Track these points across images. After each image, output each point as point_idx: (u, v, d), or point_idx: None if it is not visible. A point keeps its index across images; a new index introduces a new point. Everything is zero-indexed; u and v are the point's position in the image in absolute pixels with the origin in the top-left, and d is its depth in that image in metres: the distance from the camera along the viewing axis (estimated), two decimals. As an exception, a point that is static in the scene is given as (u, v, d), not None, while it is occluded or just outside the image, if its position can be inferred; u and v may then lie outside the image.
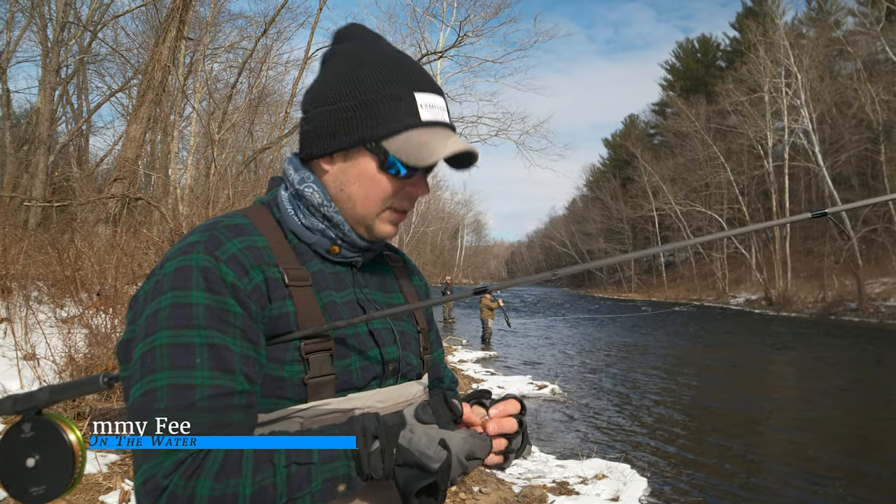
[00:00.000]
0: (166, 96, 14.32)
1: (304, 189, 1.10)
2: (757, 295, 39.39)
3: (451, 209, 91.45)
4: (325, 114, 1.07)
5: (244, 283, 0.96)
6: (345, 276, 1.13)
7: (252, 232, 1.03)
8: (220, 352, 0.92)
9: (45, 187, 16.31)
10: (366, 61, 1.08)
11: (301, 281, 1.03)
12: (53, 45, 20.13)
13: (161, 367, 0.89)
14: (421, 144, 1.04)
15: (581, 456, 7.11)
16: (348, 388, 1.04)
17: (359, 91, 1.05)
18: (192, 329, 0.91)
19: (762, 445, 8.12)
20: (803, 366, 15.00)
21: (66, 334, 5.95)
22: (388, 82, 1.05)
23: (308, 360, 1.00)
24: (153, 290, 0.95)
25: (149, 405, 0.88)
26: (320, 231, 1.10)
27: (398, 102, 1.05)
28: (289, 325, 1.00)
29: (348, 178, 1.08)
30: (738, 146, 41.93)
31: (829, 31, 37.80)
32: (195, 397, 0.88)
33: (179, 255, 0.96)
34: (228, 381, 0.91)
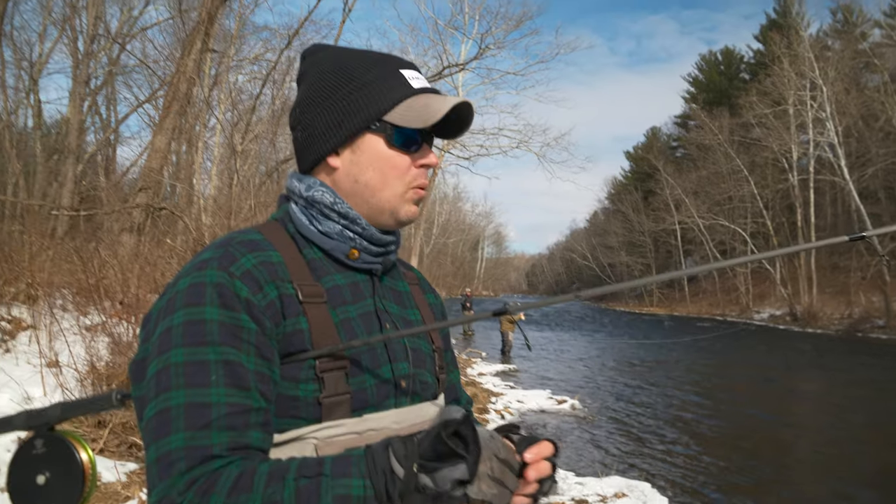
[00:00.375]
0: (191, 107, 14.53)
1: (313, 193, 1.10)
2: (781, 310, 38.80)
3: (472, 221, 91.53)
4: (322, 111, 1.09)
5: (258, 298, 0.95)
6: (363, 285, 1.11)
7: (267, 247, 1.02)
8: (235, 369, 0.91)
9: (72, 196, 16.59)
10: (347, 57, 1.13)
11: (316, 297, 1.02)
12: (84, 57, 20.55)
13: (176, 386, 0.88)
14: (423, 106, 1.07)
15: (601, 473, 7.03)
16: (364, 407, 1.02)
17: (350, 79, 1.09)
18: (206, 346, 0.90)
19: (787, 467, 7.96)
20: (830, 384, 14.72)
21: (89, 342, 6.03)
22: (374, 66, 1.10)
23: (323, 379, 0.98)
24: (166, 307, 0.95)
25: (165, 424, 0.87)
26: (338, 233, 1.09)
27: (389, 79, 1.09)
28: (303, 342, 0.98)
29: (361, 166, 1.09)
30: (762, 159, 41.45)
31: (856, 43, 37.35)
32: (212, 416, 0.87)
33: (193, 271, 0.96)
34: (244, 398, 0.90)
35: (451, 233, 75.96)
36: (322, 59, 1.14)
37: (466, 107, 1.11)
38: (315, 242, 1.09)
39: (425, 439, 0.86)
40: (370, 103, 1.07)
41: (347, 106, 1.08)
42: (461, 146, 27.92)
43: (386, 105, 1.07)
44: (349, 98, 1.08)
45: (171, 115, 12.06)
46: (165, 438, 0.86)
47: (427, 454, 0.85)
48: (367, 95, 1.08)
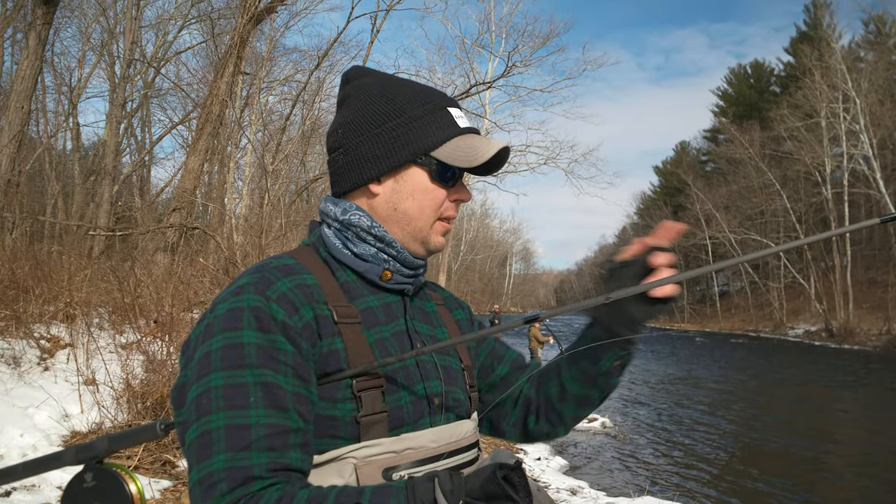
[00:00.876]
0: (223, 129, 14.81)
1: (350, 217, 1.12)
2: (817, 326, 37.97)
3: (500, 237, 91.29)
4: (370, 138, 1.12)
5: (294, 320, 0.98)
6: (395, 306, 1.14)
7: (301, 271, 1.05)
8: (273, 390, 0.93)
9: (109, 217, 16.97)
10: (395, 87, 1.16)
11: (350, 318, 1.04)
12: (120, 81, 21.11)
13: (217, 409, 0.91)
14: (469, 147, 1.11)
15: (632, 494, 6.93)
16: (401, 426, 1.03)
17: (401, 111, 1.12)
18: (244, 369, 0.93)
19: (824, 491, 7.77)
20: (869, 402, 14.34)
21: (125, 360, 6.14)
22: (423, 102, 1.14)
23: (360, 398, 1.00)
24: (204, 332, 0.97)
25: (206, 447, 0.89)
26: (373, 255, 1.12)
27: (438, 116, 1.13)
28: (339, 362, 1.00)
29: (401, 195, 1.12)
30: (794, 173, 40.82)
31: (889, 54, 36.74)
32: (251, 437, 0.89)
33: (230, 297, 0.99)
34: (283, 419, 0.92)
35: (479, 249, 75.86)
36: (369, 86, 1.17)
37: (506, 151, 1.15)
38: (348, 265, 1.12)
39: (474, 478, 0.86)
40: (420, 138, 1.11)
41: (398, 137, 1.11)
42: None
43: (435, 142, 1.11)
44: (399, 130, 1.11)
45: (204, 137, 12.32)
46: (207, 460, 0.89)
47: (475, 493, 0.84)
48: (418, 130, 1.11)
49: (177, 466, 5.18)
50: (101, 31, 22.33)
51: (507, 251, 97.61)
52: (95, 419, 5.66)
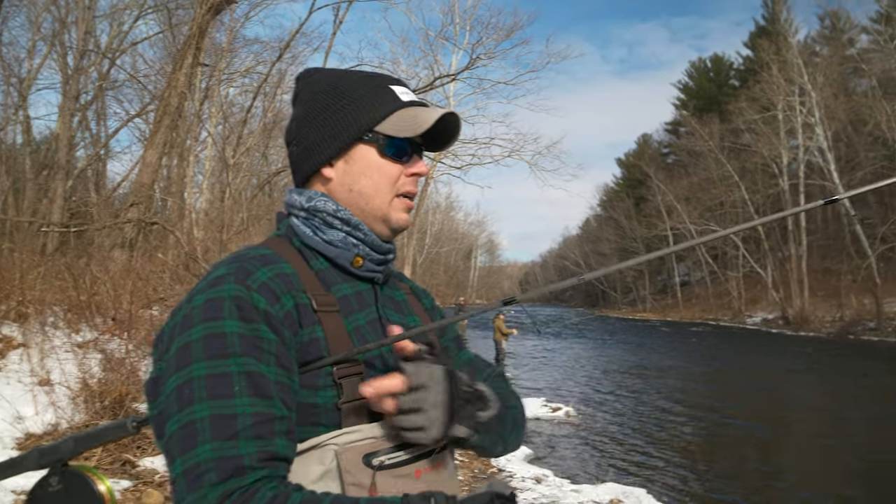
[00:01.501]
0: (182, 121, 14.53)
1: (315, 203, 1.13)
2: (774, 314, 38.96)
3: (465, 230, 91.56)
4: (317, 125, 1.14)
5: (276, 309, 0.97)
6: (367, 294, 1.15)
7: (278, 260, 1.05)
8: (258, 379, 0.92)
9: (62, 212, 16.52)
10: (339, 75, 1.19)
11: (329, 307, 1.05)
12: (73, 73, 20.52)
13: (200, 398, 0.89)
14: (412, 116, 1.12)
15: (596, 480, 7.03)
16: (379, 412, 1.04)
17: (342, 95, 1.14)
18: (227, 358, 0.91)
19: (780, 471, 7.98)
20: (823, 387, 14.78)
21: (81, 359, 6.00)
22: (365, 82, 1.16)
23: (341, 385, 1.00)
24: (182, 323, 0.96)
25: (191, 437, 0.87)
26: (342, 240, 1.12)
27: (380, 93, 1.14)
28: (319, 350, 1.01)
29: (354, 175, 1.13)
30: (752, 165, 41.74)
31: (843, 49, 37.74)
32: (238, 426, 0.88)
33: (209, 288, 0.97)
34: (268, 407, 0.91)
35: (444, 242, 75.96)
36: (316, 80, 1.19)
37: (454, 118, 1.16)
38: (320, 252, 1.12)
39: (469, 502, 0.89)
40: (362, 115, 1.12)
41: (341, 119, 1.13)
42: (453, 156, 28.02)
43: (378, 116, 1.12)
44: (343, 112, 1.13)
45: (162, 130, 12.05)
46: (192, 451, 0.87)
47: None
48: (360, 108, 1.13)
49: (137, 466, 5.09)
50: (51, 20, 21.64)
51: (472, 244, 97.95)
52: (51, 420, 5.52)
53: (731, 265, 46.58)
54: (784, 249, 41.97)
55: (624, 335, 33.02)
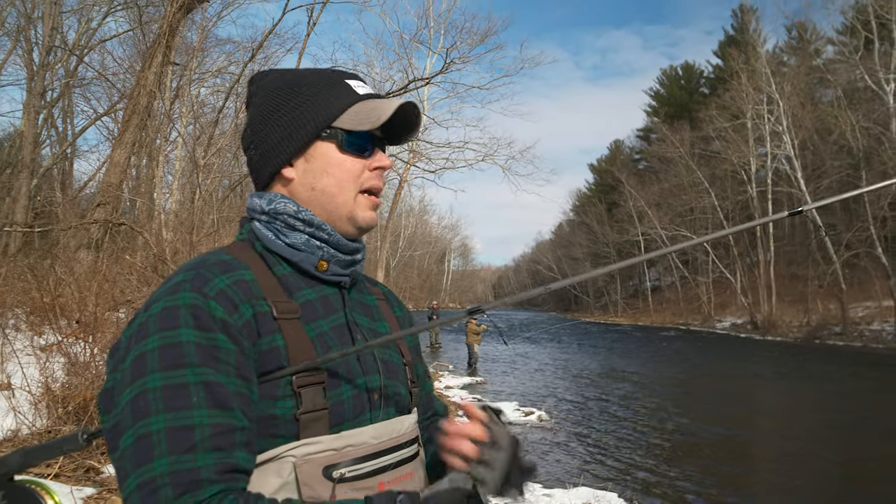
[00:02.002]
0: (152, 121, 14.31)
1: (275, 206, 1.10)
2: (742, 319, 39.59)
3: (438, 233, 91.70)
4: (274, 126, 1.11)
5: (234, 318, 0.94)
6: (333, 298, 1.11)
7: (238, 266, 1.02)
8: (216, 389, 0.89)
9: (27, 212, 16.16)
10: (292, 74, 1.15)
11: (290, 314, 1.02)
12: (39, 69, 20.10)
13: (156, 411, 0.85)
14: (370, 109, 1.09)
15: (568, 485, 7.04)
16: (341, 423, 1.00)
17: (297, 93, 1.11)
18: (184, 368, 0.88)
19: (747, 473, 8.08)
20: (789, 391, 15.03)
21: (44, 363, 5.84)
22: (321, 78, 1.13)
23: (300, 394, 0.97)
24: (138, 333, 0.92)
25: (146, 451, 0.83)
26: (305, 243, 1.09)
27: (336, 89, 1.11)
28: (279, 359, 0.97)
29: (315, 173, 1.10)
30: (721, 171, 42.42)
31: (810, 60, 38.55)
32: (196, 438, 0.85)
33: (166, 295, 0.94)
34: (228, 418, 0.88)
35: (418, 245, 75.95)
36: (269, 81, 1.16)
37: (412, 108, 1.13)
38: (284, 256, 1.08)
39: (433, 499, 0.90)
40: (319, 111, 1.09)
41: (297, 117, 1.09)
42: (427, 159, 28.01)
43: (334, 111, 1.09)
44: (298, 110, 1.09)
45: (131, 129, 11.85)
46: (148, 465, 0.83)
47: None
48: (316, 105, 1.09)
49: (101, 473, 4.96)
50: (16, 15, 21.14)
51: (446, 247, 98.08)
52: (11, 426, 5.35)
53: (702, 270, 47.26)
54: (752, 255, 42.73)
55: (594, 339, 33.27)
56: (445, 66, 22.44)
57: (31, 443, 5.09)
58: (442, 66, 22.62)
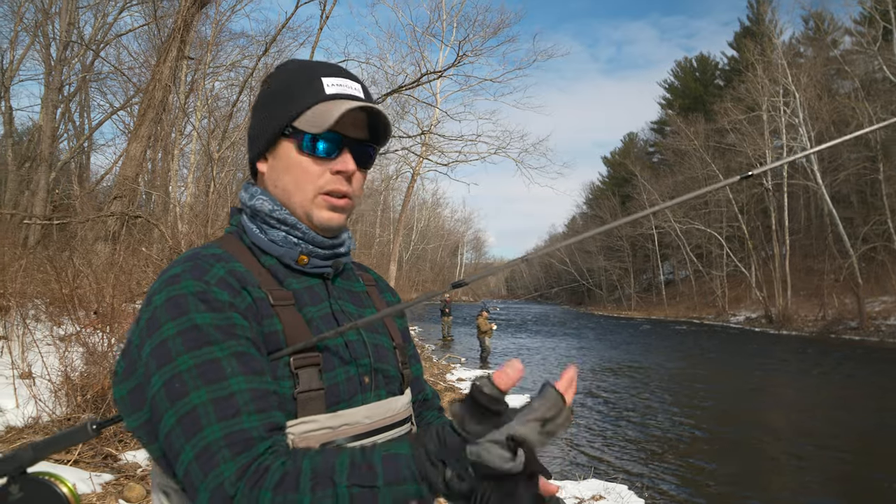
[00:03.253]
0: (167, 115, 14.42)
1: (255, 203, 1.14)
2: (757, 313, 39.29)
3: (451, 226, 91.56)
4: (256, 119, 1.15)
5: (238, 301, 0.99)
6: (318, 289, 1.15)
7: (230, 258, 1.06)
8: (246, 358, 0.94)
9: (45, 205, 16.36)
10: (294, 68, 1.17)
11: (284, 300, 1.06)
12: (56, 64, 20.28)
13: (195, 387, 0.90)
14: (324, 112, 1.08)
15: (578, 476, 7.07)
16: (337, 403, 1.05)
17: (279, 90, 1.14)
18: (211, 346, 0.92)
19: (762, 469, 8.06)
20: (805, 386, 14.93)
21: (63, 353, 5.95)
22: (297, 75, 1.14)
23: (297, 375, 1.01)
24: (147, 327, 0.96)
25: (195, 422, 0.88)
26: (282, 239, 1.12)
27: (307, 86, 1.11)
28: (278, 342, 1.02)
29: (278, 171, 1.13)
30: (736, 164, 42.03)
31: (827, 51, 38.09)
32: (239, 403, 0.89)
33: (166, 287, 0.97)
34: (262, 382, 0.93)
35: (431, 238, 75.93)
36: (276, 72, 1.19)
37: (372, 110, 1.12)
38: (266, 251, 1.12)
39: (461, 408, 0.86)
40: (283, 110, 1.11)
41: (269, 114, 1.13)
42: (440, 152, 27.98)
43: (295, 111, 1.10)
44: (271, 106, 1.13)
45: (147, 123, 11.96)
46: (200, 434, 0.87)
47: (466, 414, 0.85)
48: (282, 103, 1.11)
49: (119, 459, 5.07)
50: (34, 11, 21.38)
51: (459, 240, 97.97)
52: (32, 414, 5.47)
53: (716, 264, 46.92)
54: (767, 248, 42.36)
55: (607, 333, 33.17)
56: (458, 59, 22.39)
57: (52, 429, 5.20)
58: (455, 59, 22.57)
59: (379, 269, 28.26)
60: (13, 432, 5.30)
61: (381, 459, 0.86)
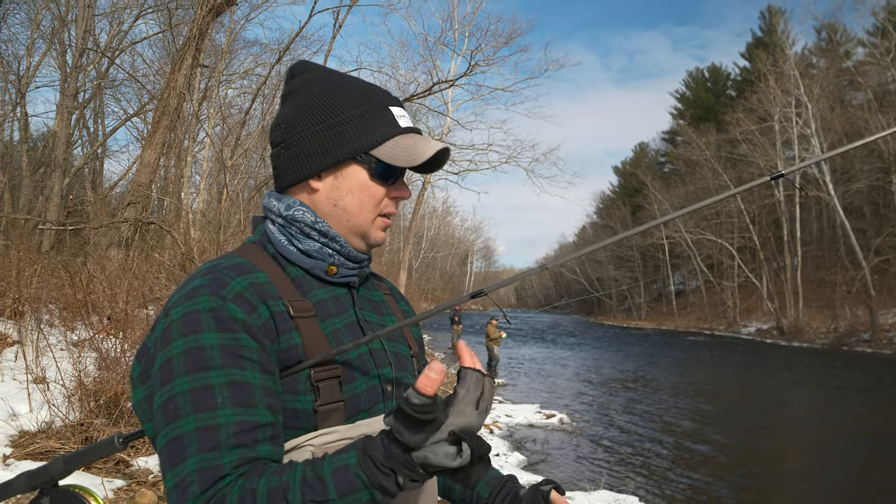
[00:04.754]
0: (181, 122, 14.52)
1: (293, 213, 1.14)
2: (768, 324, 39.01)
3: (461, 235, 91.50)
4: (311, 135, 1.13)
5: (254, 318, 0.98)
6: (344, 298, 1.16)
7: (252, 269, 1.06)
8: (241, 388, 0.93)
9: (59, 210, 16.48)
10: (339, 84, 1.16)
11: (305, 312, 1.06)
12: (72, 71, 20.49)
13: (185, 413, 0.91)
14: (409, 146, 1.12)
15: (589, 488, 7.03)
16: (357, 414, 1.06)
17: (342, 109, 1.13)
18: (209, 371, 0.93)
19: (773, 482, 8.00)
20: (817, 399, 14.80)
21: (77, 358, 5.99)
22: (365, 100, 1.15)
23: (318, 388, 1.02)
24: (161, 339, 0.97)
25: (178, 452, 0.90)
26: (318, 250, 1.13)
27: (379, 115, 1.14)
28: (298, 356, 1.02)
29: (341, 191, 1.13)
30: (748, 175, 41.85)
31: (840, 62, 37.95)
32: (221, 436, 0.90)
33: (184, 300, 0.98)
34: (251, 415, 0.93)
35: (441, 247, 75.91)
36: (312, 82, 1.17)
37: (445, 151, 1.17)
38: (294, 262, 1.13)
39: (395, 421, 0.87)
40: (360, 136, 1.12)
41: (338, 135, 1.12)
42: (451, 161, 28.04)
43: (375, 141, 1.12)
44: (340, 127, 1.12)
45: (161, 130, 12.05)
46: (181, 465, 0.89)
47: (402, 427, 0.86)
48: (358, 128, 1.12)
49: (131, 465, 5.08)
50: (51, 18, 21.58)
51: (468, 249, 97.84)
52: (45, 418, 5.50)
53: (727, 275, 46.66)
54: (779, 259, 42.09)
55: (618, 343, 33.01)
56: (470, 68, 22.48)
57: (65, 434, 5.23)
58: (466, 68, 22.67)
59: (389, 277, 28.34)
60: (27, 437, 5.33)
61: (331, 473, 0.87)
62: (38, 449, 4.94)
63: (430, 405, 0.85)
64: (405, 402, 0.85)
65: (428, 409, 0.85)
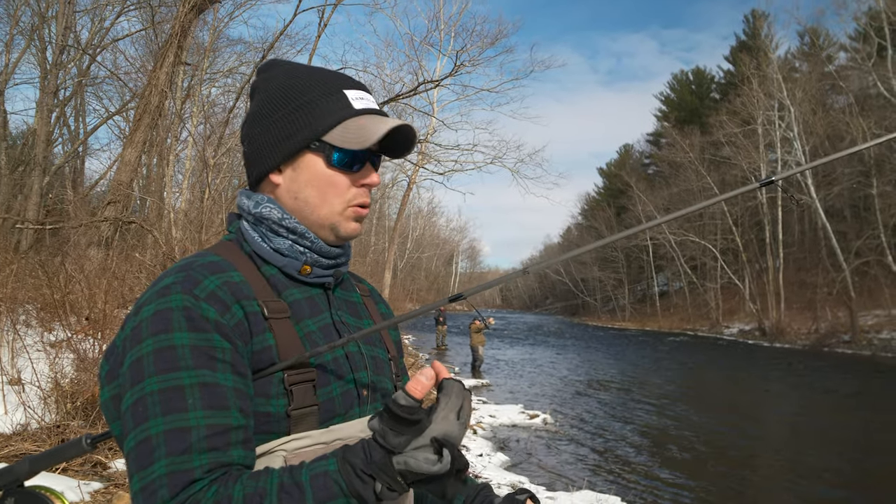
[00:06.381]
0: (163, 120, 14.39)
1: (261, 210, 1.11)
2: (750, 325, 39.36)
3: (446, 235, 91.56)
4: (265, 128, 1.10)
5: (227, 318, 0.96)
6: (319, 299, 1.13)
7: (227, 268, 1.03)
8: (212, 389, 0.91)
9: (38, 209, 16.25)
10: (296, 74, 1.13)
11: (280, 313, 1.03)
12: (52, 68, 20.23)
13: (154, 414, 0.88)
14: (360, 128, 1.07)
15: (571, 488, 7.04)
16: (331, 418, 1.03)
17: (293, 97, 1.09)
18: (180, 371, 0.90)
19: (752, 481, 8.05)
20: (796, 399, 14.94)
21: (53, 359, 5.90)
22: (317, 85, 1.11)
23: (291, 392, 0.99)
24: (131, 337, 0.94)
25: (146, 454, 0.86)
26: (288, 248, 1.10)
27: (331, 99, 1.09)
28: (271, 358, 0.99)
29: (300, 184, 1.10)
30: (731, 177, 42.21)
31: (822, 66, 38.37)
32: (192, 439, 0.87)
33: (156, 298, 0.95)
34: (223, 418, 0.90)
35: (426, 247, 75.91)
36: (273, 76, 1.14)
37: (407, 129, 1.12)
38: (269, 260, 1.10)
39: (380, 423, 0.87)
40: (310, 123, 1.08)
41: (288, 125, 1.09)
42: (436, 161, 28.02)
43: (324, 126, 1.08)
44: (290, 117, 1.09)
45: (142, 128, 11.93)
46: (149, 468, 0.86)
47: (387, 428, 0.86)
48: (308, 115, 1.09)
49: (108, 468, 5.02)
50: (31, 14, 21.32)
51: (454, 249, 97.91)
52: (21, 420, 5.41)
53: (710, 276, 47.02)
54: (761, 261, 42.48)
55: (602, 344, 33.15)
56: (455, 68, 22.43)
57: (41, 436, 5.14)
58: (452, 68, 22.60)
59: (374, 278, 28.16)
60: (1, 439, 5.24)
61: (309, 479, 0.86)
62: (12, 451, 4.86)
63: (416, 407, 0.85)
64: (393, 403, 0.85)
65: (414, 411, 0.85)
